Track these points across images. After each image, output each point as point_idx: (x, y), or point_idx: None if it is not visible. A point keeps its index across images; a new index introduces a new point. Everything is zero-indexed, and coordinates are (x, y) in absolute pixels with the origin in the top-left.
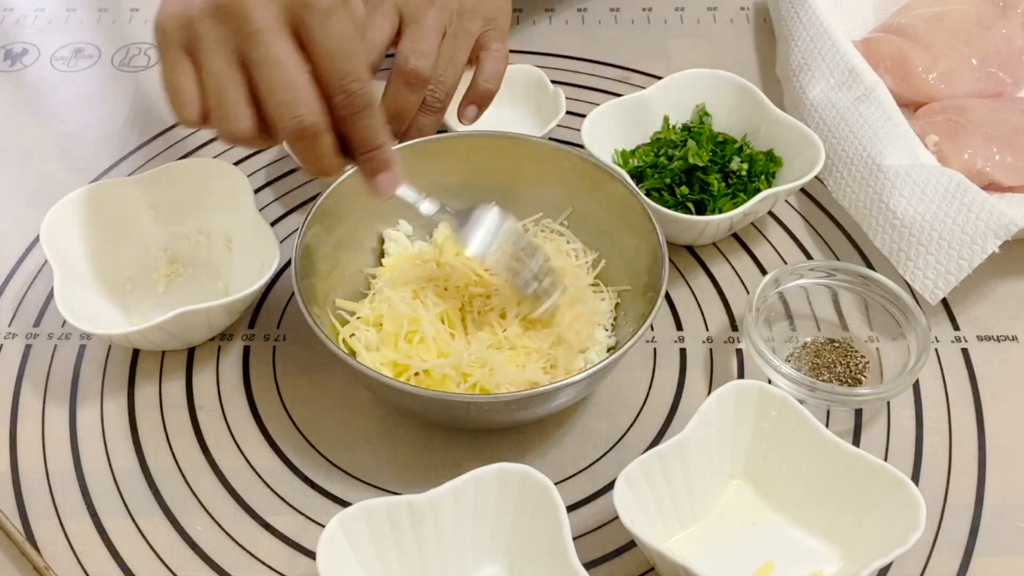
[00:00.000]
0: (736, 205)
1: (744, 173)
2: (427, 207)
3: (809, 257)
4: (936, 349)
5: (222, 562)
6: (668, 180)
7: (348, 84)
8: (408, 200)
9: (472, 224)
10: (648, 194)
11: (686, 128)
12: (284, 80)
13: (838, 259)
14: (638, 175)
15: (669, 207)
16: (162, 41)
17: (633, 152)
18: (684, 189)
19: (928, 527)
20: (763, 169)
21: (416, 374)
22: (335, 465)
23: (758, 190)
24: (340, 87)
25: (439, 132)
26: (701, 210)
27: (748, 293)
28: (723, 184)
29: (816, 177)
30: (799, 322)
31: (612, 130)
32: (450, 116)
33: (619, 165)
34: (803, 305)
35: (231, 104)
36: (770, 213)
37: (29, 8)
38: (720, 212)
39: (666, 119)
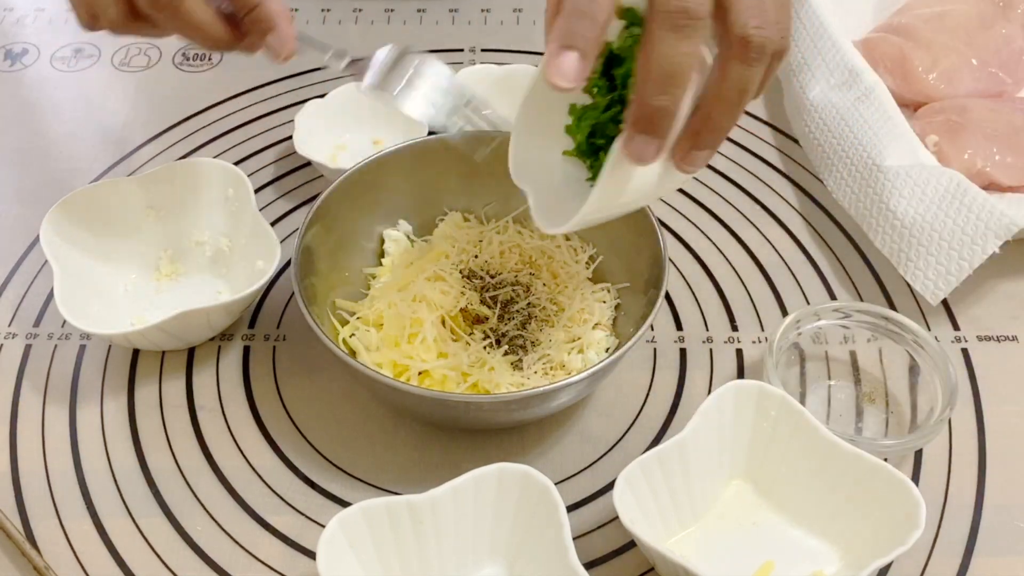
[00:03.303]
0: None
1: None
2: (334, 64)
3: (809, 258)
4: None
5: (222, 562)
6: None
7: None
8: (316, 56)
9: (402, 78)
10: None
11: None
12: None
13: (838, 259)
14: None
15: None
16: None
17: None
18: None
19: (928, 527)
20: None
21: (417, 374)
22: (335, 465)
23: None
24: None
25: (437, 133)
26: None
27: (747, 292)
28: None
29: (816, 177)
30: (815, 364)
31: None
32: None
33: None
34: (820, 347)
35: None
36: (770, 213)
37: (29, 8)
38: None
39: None
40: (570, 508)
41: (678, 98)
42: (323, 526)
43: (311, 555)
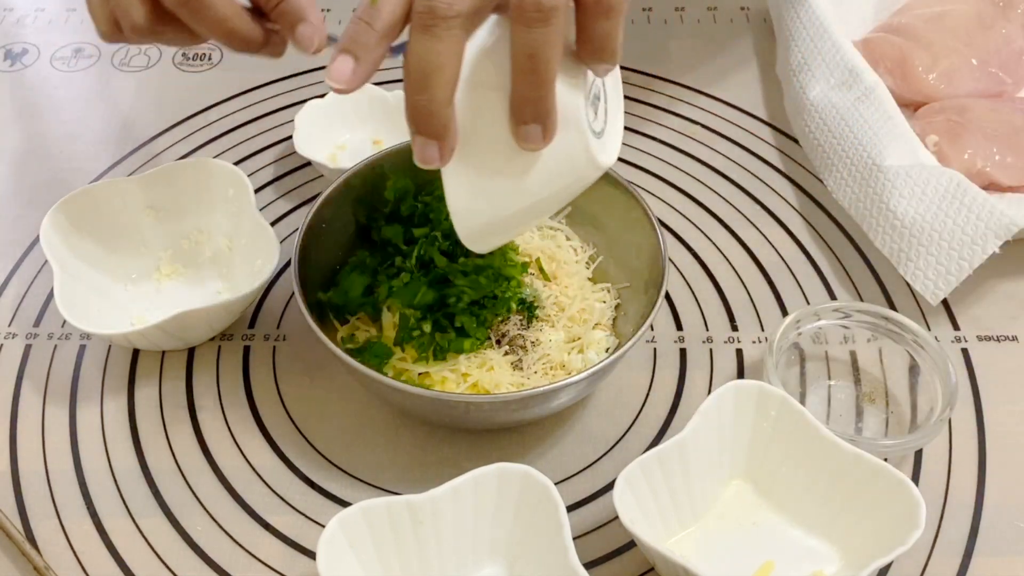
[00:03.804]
0: None
1: None
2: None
3: (809, 258)
4: None
5: (222, 562)
6: None
7: None
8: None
9: None
10: None
11: None
12: None
13: (838, 259)
14: None
15: None
16: None
17: None
18: None
19: (928, 527)
20: None
21: (417, 374)
22: (335, 465)
23: None
24: None
25: None
26: None
27: (747, 292)
28: None
29: (816, 177)
30: (815, 364)
31: None
32: None
33: None
34: (820, 347)
35: None
36: (770, 213)
37: (29, 8)
38: None
39: None
40: (570, 508)
41: (437, 96)
42: (323, 526)
43: (311, 555)
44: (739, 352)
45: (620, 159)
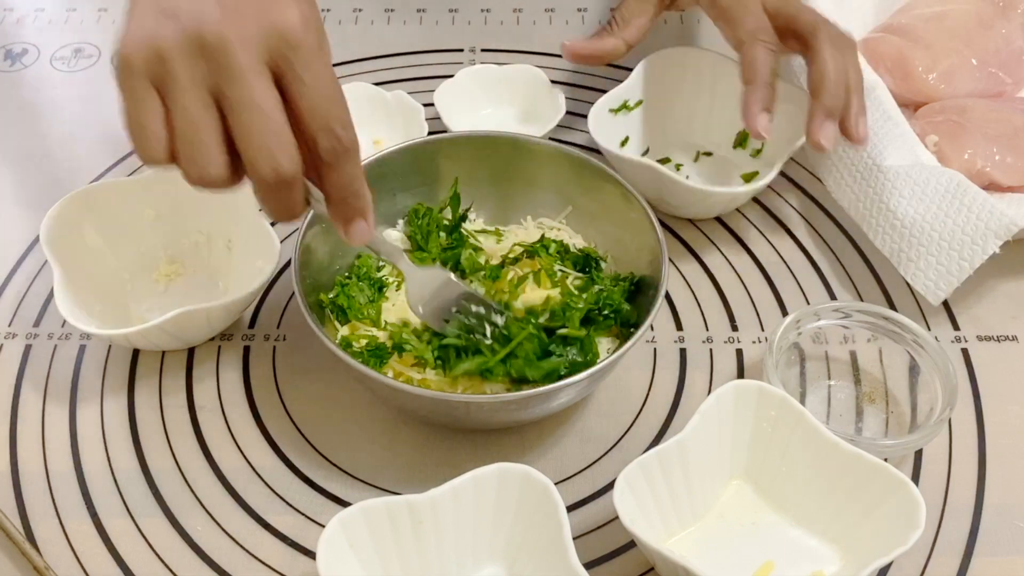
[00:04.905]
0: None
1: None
2: (387, 253)
3: (809, 258)
4: None
5: (222, 562)
6: None
7: (336, 128)
8: (375, 247)
9: (421, 281)
10: None
11: None
12: (265, 126)
13: (838, 259)
14: None
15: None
16: (125, 73)
17: None
18: None
19: (928, 527)
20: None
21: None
22: (335, 465)
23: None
24: (327, 131)
25: (437, 132)
26: None
27: (747, 292)
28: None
29: (816, 177)
30: (815, 364)
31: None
32: (447, 116)
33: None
34: (820, 347)
35: (204, 147)
36: (771, 213)
37: (29, 8)
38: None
39: None
40: (570, 508)
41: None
42: (323, 526)
43: (311, 555)
44: (739, 352)
45: None
